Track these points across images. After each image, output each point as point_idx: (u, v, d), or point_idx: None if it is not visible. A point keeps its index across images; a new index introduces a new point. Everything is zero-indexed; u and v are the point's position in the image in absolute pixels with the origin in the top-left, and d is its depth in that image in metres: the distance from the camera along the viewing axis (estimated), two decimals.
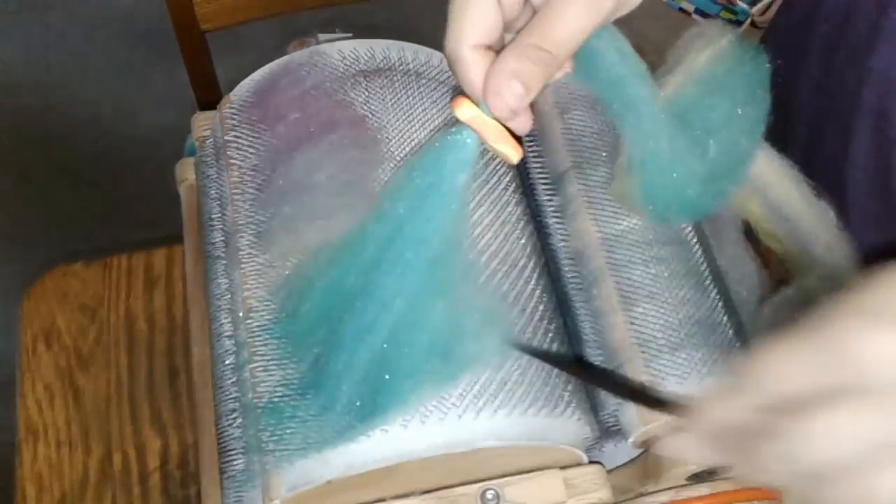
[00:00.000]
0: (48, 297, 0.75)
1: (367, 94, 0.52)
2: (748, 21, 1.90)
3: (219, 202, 0.54)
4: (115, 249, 0.78)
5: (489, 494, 0.44)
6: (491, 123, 0.39)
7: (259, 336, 0.46)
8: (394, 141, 0.51)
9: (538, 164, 0.56)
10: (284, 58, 0.55)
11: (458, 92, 0.41)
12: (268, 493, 0.43)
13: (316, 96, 0.52)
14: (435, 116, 0.52)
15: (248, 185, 0.51)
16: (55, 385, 0.71)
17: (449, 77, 0.55)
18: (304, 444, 0.42)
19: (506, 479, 0.45)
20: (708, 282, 0.52)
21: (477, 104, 0.39)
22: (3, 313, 1.56)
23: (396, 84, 0.53)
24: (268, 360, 0.45)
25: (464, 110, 0.40)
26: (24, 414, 0.70)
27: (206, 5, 1.01)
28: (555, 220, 0.54)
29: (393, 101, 0.52)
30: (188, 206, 0.60)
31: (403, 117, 0.52)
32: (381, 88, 0.53)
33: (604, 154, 0.53)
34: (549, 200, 0.54)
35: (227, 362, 0.49)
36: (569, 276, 0.53)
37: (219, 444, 0.49)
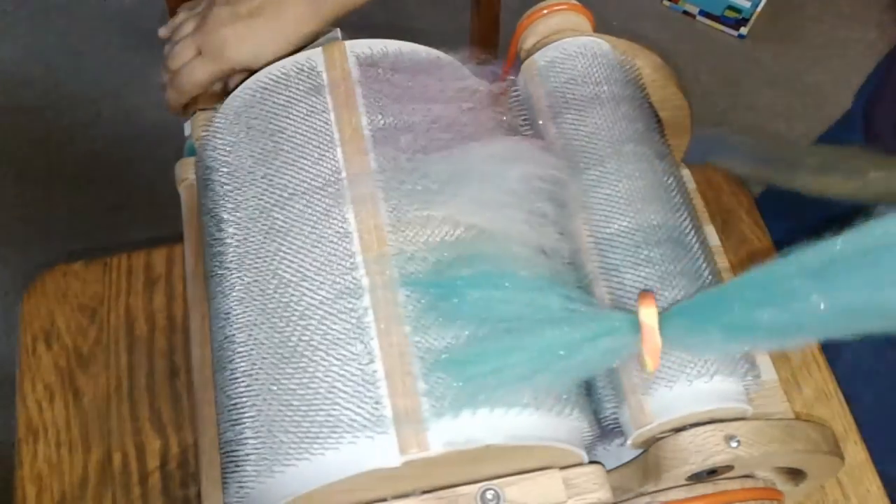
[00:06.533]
0: (48, 297, 0.75)
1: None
2: (752, 20, 1.89)
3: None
4: (115, 249, 0.78)
5: (489, 494, 0.44)
6: None
7: None
8: None
9: None
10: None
11: None
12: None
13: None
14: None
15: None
16: (55, 385, 0.71)
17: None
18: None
19: (506, 479, 0.45)
20: (707, 281, 0.52)
21: None
22: (3, 313, 1.56)
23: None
24: None
25: None
26: (24, 414, 0.70)
27: None
28: None
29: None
30: (188, 205, 0.60)
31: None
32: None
33: (596, 157, 0.53)
34: None
35: None
36: None
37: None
